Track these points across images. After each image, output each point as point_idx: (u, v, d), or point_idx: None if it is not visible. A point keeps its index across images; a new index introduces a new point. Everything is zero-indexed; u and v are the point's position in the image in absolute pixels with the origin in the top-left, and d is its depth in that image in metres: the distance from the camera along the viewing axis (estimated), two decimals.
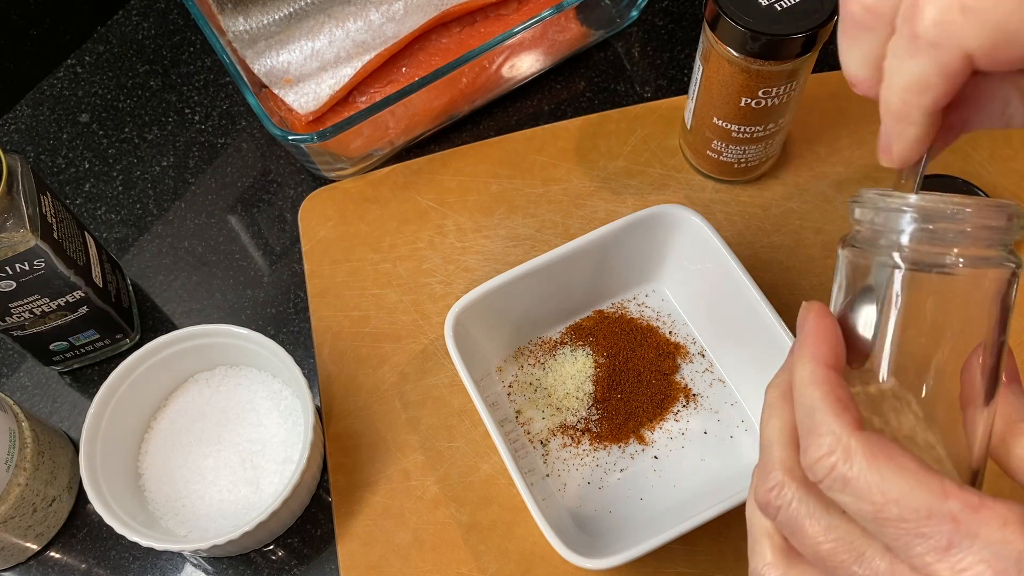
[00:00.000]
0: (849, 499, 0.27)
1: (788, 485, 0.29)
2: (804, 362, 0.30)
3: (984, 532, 0.25)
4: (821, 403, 0.28)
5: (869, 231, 0.31)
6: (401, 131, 0.60)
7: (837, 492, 0.27)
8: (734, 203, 0.59)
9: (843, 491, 0.27)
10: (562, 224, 0.58)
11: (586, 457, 0.51)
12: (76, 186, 0.62)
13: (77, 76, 0.66)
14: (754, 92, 0.50)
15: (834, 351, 0.30)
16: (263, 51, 0.60)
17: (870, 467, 0.27)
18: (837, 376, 0.29)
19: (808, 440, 0.28)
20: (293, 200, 0.61)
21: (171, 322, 0.58)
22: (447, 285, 0.57)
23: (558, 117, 0.63)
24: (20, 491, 0.47)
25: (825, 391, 0.28)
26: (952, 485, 0.26)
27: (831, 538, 0.28)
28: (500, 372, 0.54)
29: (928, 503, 0.26)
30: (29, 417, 0.49)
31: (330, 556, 0.51)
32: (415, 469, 0.52)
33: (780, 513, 0.30)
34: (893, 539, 0.26)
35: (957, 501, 0.26)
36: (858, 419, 0.28)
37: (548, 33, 0.61)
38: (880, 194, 0.30)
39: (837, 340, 0.30)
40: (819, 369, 0.29)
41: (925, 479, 0.26)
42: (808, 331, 0.30)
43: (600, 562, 0.43)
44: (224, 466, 0.50)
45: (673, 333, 0.55)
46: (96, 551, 0.52)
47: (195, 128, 0.64)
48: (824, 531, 0.28)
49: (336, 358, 0.55)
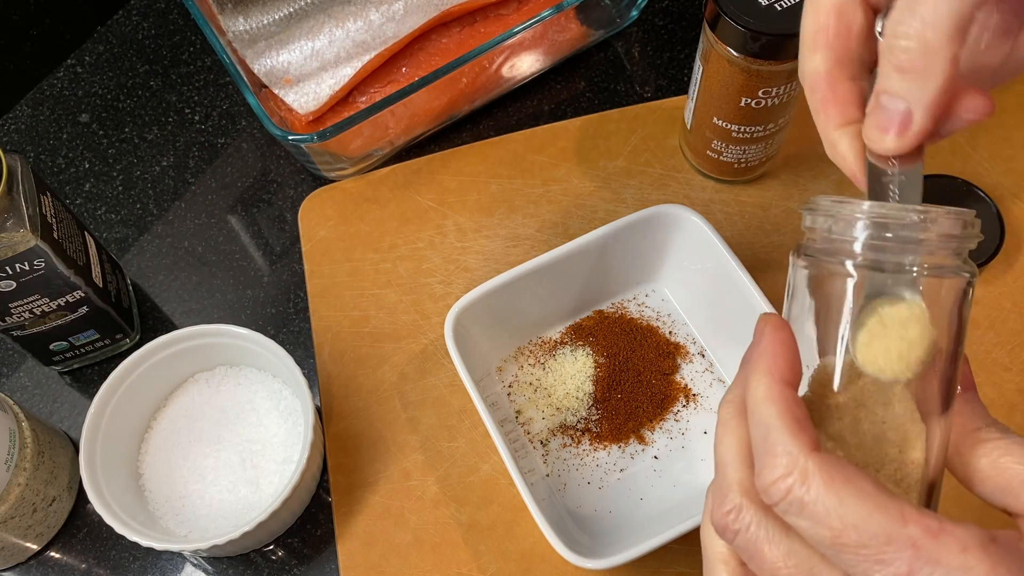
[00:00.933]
0: (806, 523, 0.26)
1: (746, 508, 0.28)
2: (759, 377, 0.28)
3: (945, 558, 0.24)
4: (776, 421, 0.27)
5: (823, 240, 0.30)
6: (401, 131, 0.60)
7: (793, 516, 0.26)
8: (734, 203, 0.59)
9: (799, 515, 0.26)
10: (562, 224, 0.58)
11: (586, 457, 0.51)
12: (76, 186, 0.62)
13: (77, 76, 0.66)
14: (754, 92, 0.50)
15: (790, 366, 0.29)
16: (263, 51, 0.60)
17: (827, 490, 0.26)
18: (793, 393, 0.28)
19: (763, 461, 0.27)
20: (293, 200, 0.61)
21: (171, 322, 0.58)
22: (447, 285, 0.57)
23: (558, 117, 0.63)
24: (20, 491, 0.47)
25: (781, 408, 0.27)
26: (911, 509, 0.25)
27: (791, 564, 0.27)
28: (500, 372, 0.54)
29: (887, 529, 0.25)
30: (29, 417, 0.49)
31: (330, 556, 0.51)
32: (415, 469, 0.52)
33: (738, 537, 0.28)
34: (852, 565, 0.26)
35: (916, 526, 0.25)
36: (815, 439, 0.27)
37: (548, 33, 0.61)
38: (836, 201, 0.29)
39: (793, 354, 0.29)
40: (775, 385, 0.28)
41: (884, 503, 0.25)
42: (764, 345, 0.29)
43: (600, 562, 0.43)
44: (224, 466, 0.50)
45: (673, 333, 0.55)
46: (96, 551, 0.52)
47: (195, 128, 0.64)
48: (784, 556, 0.27)
49: (336, 358, 0.55)
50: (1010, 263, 0.56)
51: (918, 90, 0.28)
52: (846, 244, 0.29)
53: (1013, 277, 0.56)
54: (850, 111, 0.31)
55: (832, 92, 0.31)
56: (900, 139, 0.29)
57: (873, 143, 0.30)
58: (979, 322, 0.55)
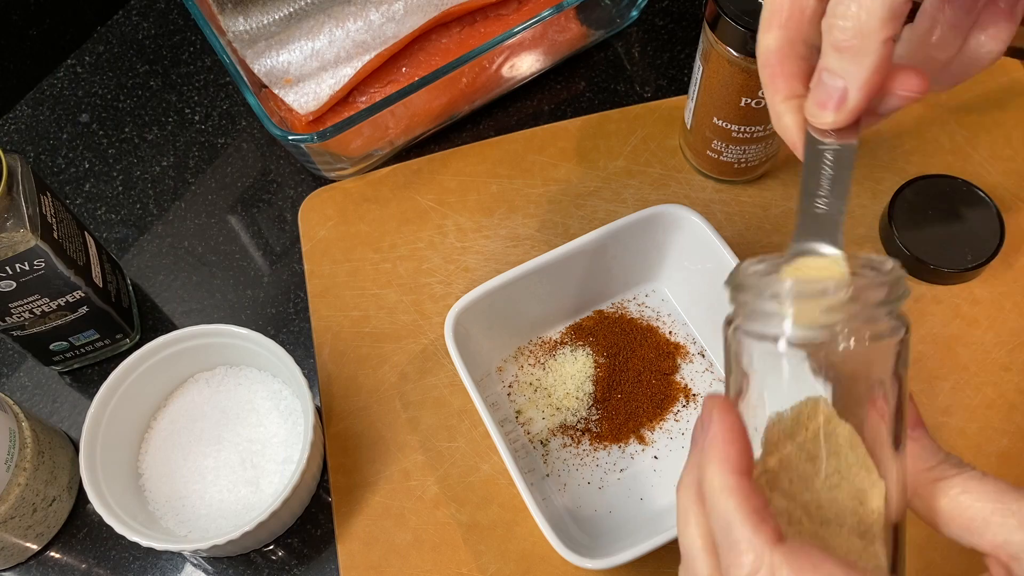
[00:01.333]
0: None
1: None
2: (713, 468, 0.28)
3: None
4: (736, 515, 0.27)
5: (750, 312, 0.30)
6: (401, 131, 0.60)
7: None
8: (734, 203, 0.59)
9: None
10: (562, 224, 0.59)
11: (586, 457, 0.51)
12: (76, 186, 0.62)
13: (77, 76, 0.66)
14: (754, 92, 0.51)
15: (741, 453, 0.28)
16: (263, 51, 0.60)
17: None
18: (749, 483, 0.28)
19: (728, 558, 0.27)
20: (293, 200, 0.61)
21: (171, 322, 0.58)
22: (447, 285, 0.57)
23: (558, 117, 0.63)
24: (20, 491, 0.47)
25: (739, 501, 0.27)
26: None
27: None
28: (500, 372, 0.54)
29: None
30: (29, 417, 0.49)
31: (330, 556, 0.51)
32: (415, 469, 0.52)
33: None
34: None
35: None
36: (777, 530, 0.27)
37: (548, 33, 0.61)
38: (758, 272, 0.30)
39: (743, 441, 0.29)
40: (729, 477, 0.28)
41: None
42: (714, 433, 0.29)
43: (600, 562, 0.43)
44: (224, 466, 0.50)
45: (673, 333, 0.55)
46: (96, 551, 0.52)
47: (195, 128, 0.64)
48: None
49: (336, 358, 0.55)
50: (1010, 263, 0.56)
51: (854, 68, 0.30)
52: (772, 319, 0.29)
53: (1013, 277, 0.56)
54: (795, 85, 0.33)
55: (781, 67, 0.33)
56: (837, 114, 0.31)
57: (813, 117, 0.31)
58: (979, 322, 0.55)
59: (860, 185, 0.59)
